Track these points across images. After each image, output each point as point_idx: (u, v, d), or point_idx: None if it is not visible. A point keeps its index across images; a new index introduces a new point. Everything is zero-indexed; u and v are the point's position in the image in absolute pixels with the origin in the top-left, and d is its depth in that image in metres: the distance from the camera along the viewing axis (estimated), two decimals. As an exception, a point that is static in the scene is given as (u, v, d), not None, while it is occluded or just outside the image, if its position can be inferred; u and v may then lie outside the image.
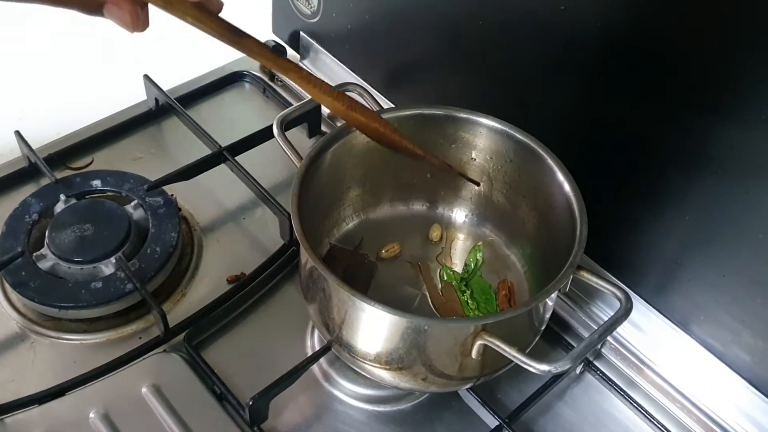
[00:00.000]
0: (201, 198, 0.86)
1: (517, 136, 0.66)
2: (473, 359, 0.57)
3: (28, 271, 0.74)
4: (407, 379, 0.61)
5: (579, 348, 0.54)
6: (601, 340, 0.55)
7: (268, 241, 0.83)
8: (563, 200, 0.63)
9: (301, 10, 0.94)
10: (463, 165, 0.71)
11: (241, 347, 0.75)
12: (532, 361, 0.53)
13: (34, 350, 0.73)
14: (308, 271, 0.62)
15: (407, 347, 0.57)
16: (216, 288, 0.78)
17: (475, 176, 0.71)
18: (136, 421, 0.67)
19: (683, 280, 0.69)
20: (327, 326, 0.62)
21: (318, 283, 0.60)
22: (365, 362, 0.61)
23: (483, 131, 0.68)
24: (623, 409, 0.73)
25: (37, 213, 0.79)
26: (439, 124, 0.69)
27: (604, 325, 0.56)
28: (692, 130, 0.63)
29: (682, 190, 0.66)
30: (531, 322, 0.61)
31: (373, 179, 0.72)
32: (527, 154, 0.66)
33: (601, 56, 0.66)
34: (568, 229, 0.61)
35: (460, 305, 0.70)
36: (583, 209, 0.60)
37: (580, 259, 0.58)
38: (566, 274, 0.56)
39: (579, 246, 0.58)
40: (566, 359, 0.53)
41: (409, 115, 0.69)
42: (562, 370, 0.53)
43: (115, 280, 0.74)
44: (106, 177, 0.83)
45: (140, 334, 0.74)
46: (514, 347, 0.54)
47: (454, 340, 0.56)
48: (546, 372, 0.53)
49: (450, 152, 0.71)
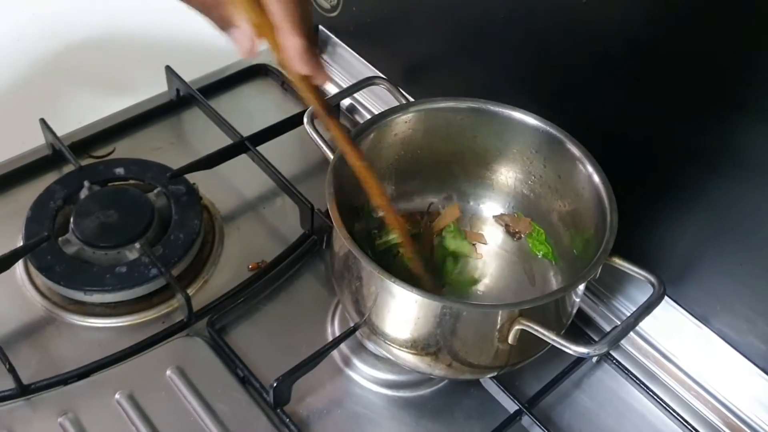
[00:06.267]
0: (221, 187, 0.87)
1: (547, 128, 0.67)
2: (508, 345, 0.58)
3: (53, 255, 0.75)
4: (437, 365, 0.62)
5: (616, 331, 0.55)
6: (636, 324, 0.57)
7: (287, 230, 0.84)
8: (591, 190, 0.64)
9: (320, 4, 0.95)
10: (490, 156, 0.72)
11: (262, 333, 0.76)
12: (570, 343, 0.54)
13: (59, 333, 0.74)
14: (343, 256, 0.63)
15: (443, 332, 0.59)
16: (237, 275, 0.79)
17: (503, 167, 0.73)
18: (161, 402, 0.68)
19: (700, 270, 0.70)
20: (358, 310, 0.63)
21: (352, 269, 0.62)
22: (395, 346, 0.62)
23: (513, 124, 0.69)
24: (639, 397, 0.74)
25: (61, 199, 0.80)
26: (468, 116, 0.70)
27: (639, 309, 0.57)
28: (713, 123, 0.64)
29: (702, 183, 0.67)
30: (563, 309, 0.62)
31: (404, 171, 0.73)
32: (556, 145, 0.67)
33: (623, 50, 0.67)
34: (596, 218, 0.62)
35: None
36: (612, 197, 0.61)
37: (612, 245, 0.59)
38: (600, 259, 0.57)
39: (611, 232, 0.59)
40: (603, 342, 0.54)
41: (440, 108, 0.70)
42: (600, 352, 0.54)
43: (140, 265, 0.75)
44: (130, 165, 0.84)
45: (163, 319, 0.75)
46: (552, 331, 0.55)
47: (492, 325, 0.57)
48: (584, 354, 0.54)
49: (478, 144, 0.72)
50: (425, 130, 0.70)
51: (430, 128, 0.70)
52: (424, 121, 0.69)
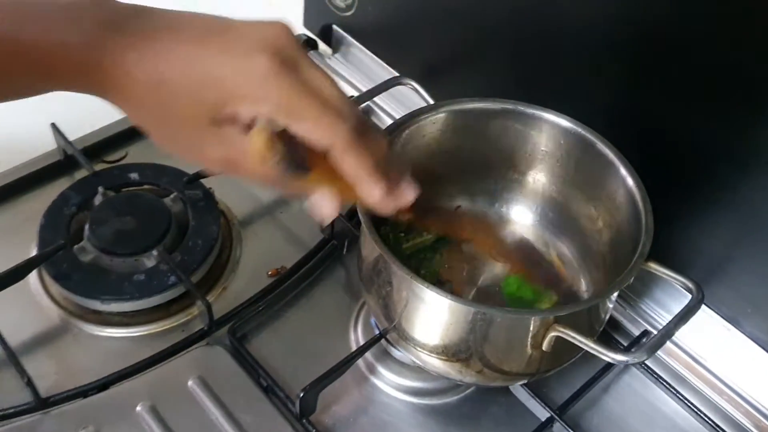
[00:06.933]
0: (237, 192, 0.86)
1: (579, 130, 0.65)
2: (541, 352, 0.57)
3: (69, 263, 0.73)
4: (467, 371, 0.61)
5: (655, 338, 0.54)
6: (675, 330, 0.55)
7: (305, 235, 0.82)
8: (624, 192, 0.62)
9: (335, 4, 0.93)
10: (518, 158, 0.71)
11: (283, 340, 0.74)
12: (608, 351, 0.53)
13: (77, 343, 0.72)
14: (372, 261, 0.61)
15: (475, 338, 0.57)
16: (257, 281, 0.77)
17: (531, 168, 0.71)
18: (184, 413, 0.66)
19: (730, 271, 0.69)
20: (387, 315, 0.62)
21: (382, 274, 0.60)
22: (425, 352, 0.61)
23: (544, 125, 0.67)
24: (668, 401, 0.73)
25: (75, 206, 0.78)
26: (497, 117, 0.69)
27: (678, 315, 0.56)
28: (746, 124, 0.63)
29: (733, 183, 0.65)
30: (597, 315, 0.61)
31: (430, 172, 0.72)
32: (587, 147, 0.65)
33: (652, 50, 0.66)
34: (629, 222, 0.61)
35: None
36: (647, 200, 0.60)
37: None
38: (636, 264, 0.56)
39: (647, 236, 0.58)
40: (643, 350, 0.53)
41: (469, 109, 0.68)
42: (638, 360, 0.53)
43: (158, 273, 0.73)
44: (144, 170, 0.82)
45: (183, 327, 0.74)
46: (589, 338, 0.53)
47: (526, 331, 0.56)
48: (623, 362, 0.53)
49: (506, 145, 0.70)
50: (453, 131, 0.69)
51: (458, 129, 0.69)
52: (452, 122, 0.68)
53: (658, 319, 0.75)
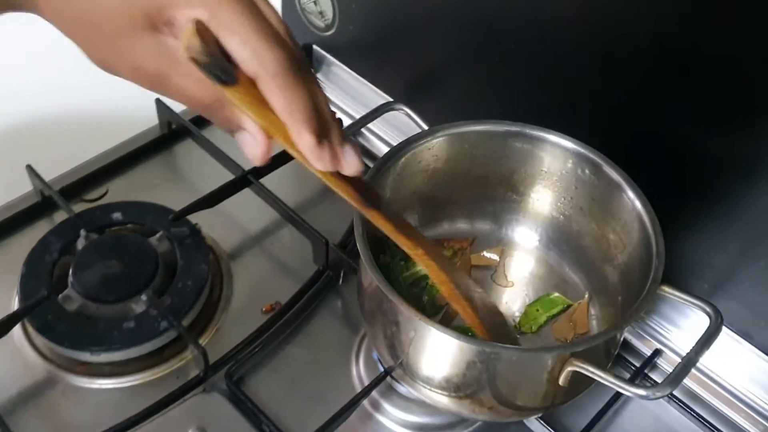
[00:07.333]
0: (222, 224, 0.82)
1: (582, 151, 0.63)
2: (557, 386, 0.54)
3: (54, 314, 0.70)
4: (480, 409, 0.58)
5: (677, 370, 0.52)
6: (698, 359, 0.53)
7: (298, 266, 0.79)
8: (632, 214, 0.60)
9: (315, 24, 0.90)
10: (518, 179, 0.69)
11: (283, 380, 0.71)
12: (629, 385, 0.51)
13: (66, 398, 0.69)
14: (374, 296, 0.59)
15: (489, 377, 0.55)
16: (251, 319, 0.74)
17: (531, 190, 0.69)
18: (186, 469, 0.64)
19: (742, 286, 0.68)
20: (393, 354, 0.59)
21: (387, 313, 0.57)
22: (434, 391, 0.58)
23: (545, 146, 0.65)
24: (682, 420, 0.71)
25: (57, 251, 0.74)
26: (496, 139, 0.66)
27: (699, 342, 0.54)
28: (751, 134, 0.61)
29: (740, 196, 0.64)
30: (612, 343, 0.59)
31: (429, 198, 0.70)
32: (592, 168, 0.63)
33: (652, 60, 0.64)
34: (639, 244, 0.59)
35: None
36: (656, 221, 0.58)
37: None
38: (651, 290, 0.54)
39: (659, 260, 0.55)
40: (665, 384, 0.51)
41: (468, 132, 0.66)
42: (662, 394, 0.50)
43: (148, 318, 0.70)
44: (127, 209, 0.79)
45: (177, 374, 0.71)
46: (609, 372, 0.51)
47: (541, 368, 0.54)
48: (644, 397, 0.51)
49: (505, 167, 0.68)
50: (451, 154, 0.66)
51: (457, 153, 0.66)
52: (450, 146, 0.66)
53: (669, 337, 0.73)
